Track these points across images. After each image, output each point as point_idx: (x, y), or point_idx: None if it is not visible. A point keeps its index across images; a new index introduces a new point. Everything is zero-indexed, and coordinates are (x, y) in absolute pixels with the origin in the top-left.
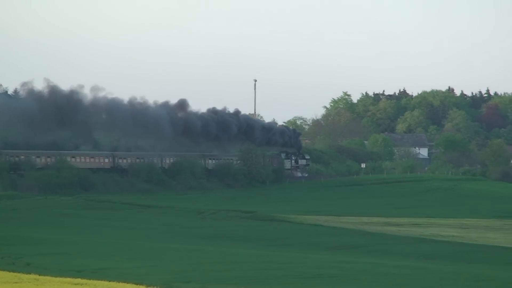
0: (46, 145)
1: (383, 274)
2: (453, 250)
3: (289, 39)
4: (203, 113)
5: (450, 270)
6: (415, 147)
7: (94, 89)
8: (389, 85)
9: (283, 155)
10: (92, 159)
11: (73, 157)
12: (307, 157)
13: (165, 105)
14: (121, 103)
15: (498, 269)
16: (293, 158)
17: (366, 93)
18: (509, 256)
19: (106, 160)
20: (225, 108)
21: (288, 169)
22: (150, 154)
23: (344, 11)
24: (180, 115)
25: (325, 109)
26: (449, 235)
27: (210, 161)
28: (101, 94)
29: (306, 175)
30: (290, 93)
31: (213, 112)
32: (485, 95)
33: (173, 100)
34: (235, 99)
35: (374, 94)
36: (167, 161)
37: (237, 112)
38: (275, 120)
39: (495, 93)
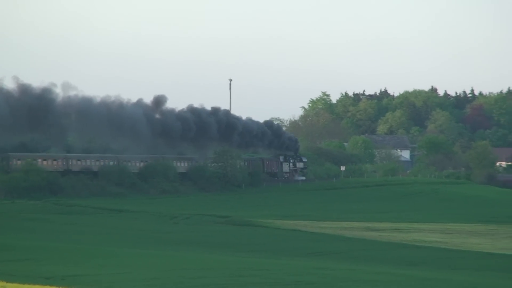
0: (14, 147)
1: (363, 281)
2: (436, 256)
3: (265, 38)
4: (181, 111)
5: (433, 277)
6: (396, 149)
7: (66, 86)
8: (369, 84)
9: (281, 158)
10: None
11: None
12: (304, 159)
13: (140, 103)
14: (95, 102)
15: (483, 276)
16: (291, 161)
17: (345, 93)
18: (494, 263)
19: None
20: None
21: (287, 172)
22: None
23: (322, 11)
24: (158, 116)
25: (303, 109)
26: (432, 241)
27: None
28: (72, 92)
29: (304, 178)
30: (267, 93)
31: (191, 111)
32: (470, 95)
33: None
34: (210, 99)
35: (354, 94)
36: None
37: (217, 110)
38: None
39: (480, 93)
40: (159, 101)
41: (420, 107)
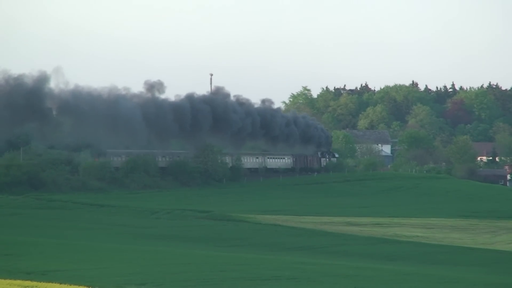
0: None
1: (344, 276)
2: (417, 251)
3: (246, 32)
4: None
5: (414, 271)
6: (377, 144)
7: (57, 72)
8: (350, 79)
9: (319, 154)
10: None
11: None
12: (337, 155)
13: (136, 95)
14: (89, 95)
15: (464, 271)
16: (327, 156)
17: (326, 87)
18: (475, 257)
19: None
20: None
21: (322, 167)
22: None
23: (303, 7)
24: (153, 109)
25: (283, 104)
26: (413, 235)
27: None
28: (65, 82)
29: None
30: (247, 88)
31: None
32: (450, 89)
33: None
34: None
35: (335, 88)
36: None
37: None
38: None
39: (461, 88)
40: (155, 86)
41: (401, 102)
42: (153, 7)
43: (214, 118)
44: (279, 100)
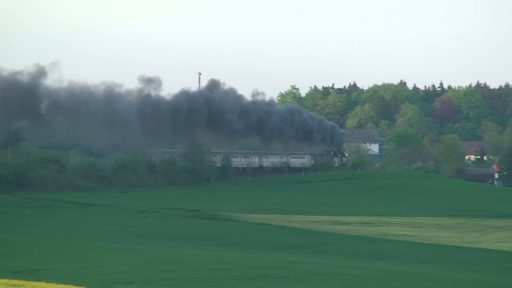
0: None
1: (332, 275)
2: (404, 250)
3: (235, 32)
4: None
5: (401, 270)
6: (365, 143)
7: (54, 67)
8: (338, 78)
9: (332, 153)
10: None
11: None
12: (347, 155)
13: (132, 93)
14: (85, 94)
15: (451, 269)
16: (338, 155)
17: (315, 86)
18: (463, 256)
19: None
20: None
21: (336, 166)
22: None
23: (292, 5)
24: (148, 108)
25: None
26: (400, 234)
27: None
28: (60, 76)
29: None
30: (236, 86)
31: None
32: (439, 88)
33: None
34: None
35: (323, 87)
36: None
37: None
38: None
39: (449, 87)
40: (150, 83)
41: (389, 101)
42: (145, 5)
43: (210, 116)
44: (268, 98)
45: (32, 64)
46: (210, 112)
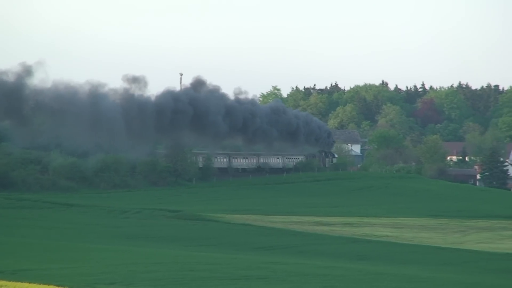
0: None
1: (314, 275)
2: (386, 251)
3: (215, 32)
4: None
5: (383, 271)
6: (347, 144)
7: (40, 66)
8: (320, 79)
9: (323, 154)
10: None
11: None
12: (336, 155)
13: (116, 92)
14: (70, 93)
15: (433, 270)
16: (329, 156)
17: (296, 87)
18: (445, 257)
19: None
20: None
21: (327, 167)
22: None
23: (272, 4)
24: (133, 109)
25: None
26: (382, 235)
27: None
28: (45, 75)
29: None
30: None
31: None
32: (420, 89)
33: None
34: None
35: (304, 88)
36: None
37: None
38: None
39: (431, 88)
40: (135, 83)
41: (371, 102)
42: (127, 6)
43: (195, 117)
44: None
45: (17, 63)
46: (195, 112)
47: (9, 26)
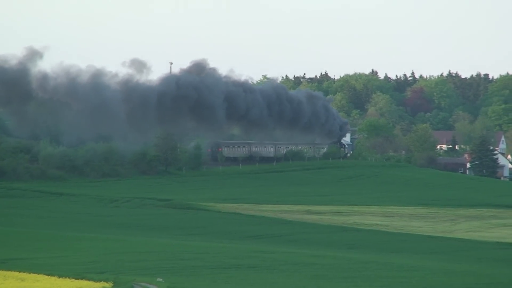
0: None
1: (304, 264)
2: (376, 239)
3: (204, 21)
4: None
5: (373, 259)
6: None
7: (44, 51)
8: (310, 68)
9: (341, 144)
10: None
11: None
12: (347, 146)
13: (120, 79)
14: (72, 78)
15: (423, 259)
16: (343, 145)
17: (286, 76)
18: (434, 245)
19: None
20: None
21: (343, 156)
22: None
23: None
24: (135, 98)
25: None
26: (372, 224)
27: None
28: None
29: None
30: None
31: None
32: (410, 78)
33: None
34: None
35: (294, 77)
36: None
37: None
38: None
39: (421, 76)
40: (141, 65)
41: (361, 90)
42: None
43: (196, 104)
44: None
45: (22, 48)
46: (197, 99)
47: (12, 11)
